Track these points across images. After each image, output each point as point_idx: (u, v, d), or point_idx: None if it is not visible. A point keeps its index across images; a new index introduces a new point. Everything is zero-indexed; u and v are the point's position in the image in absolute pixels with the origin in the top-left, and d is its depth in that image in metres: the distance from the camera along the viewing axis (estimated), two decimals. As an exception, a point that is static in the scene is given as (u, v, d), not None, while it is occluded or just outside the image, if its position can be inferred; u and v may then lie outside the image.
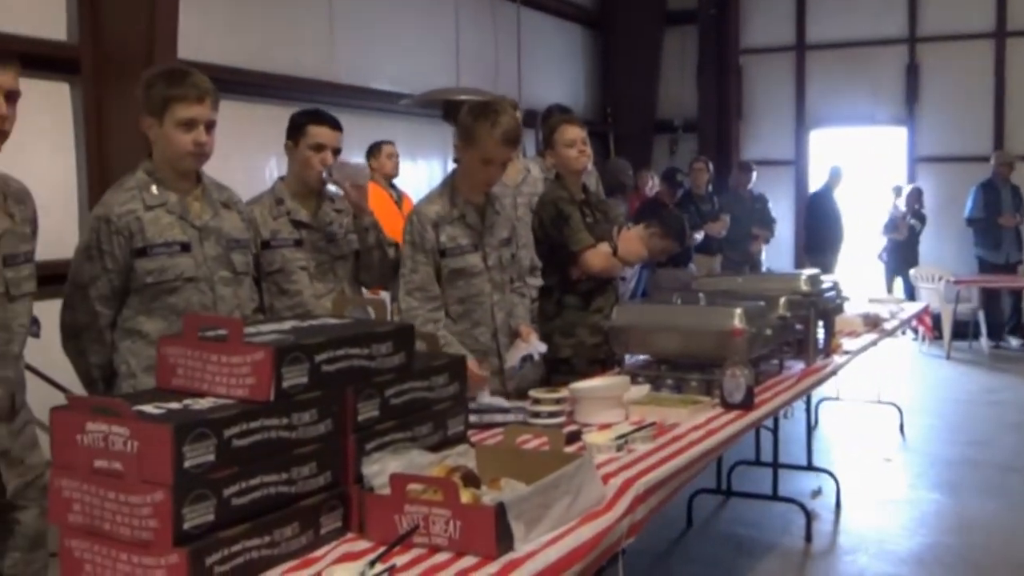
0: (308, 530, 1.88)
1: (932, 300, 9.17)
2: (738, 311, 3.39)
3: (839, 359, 4.31)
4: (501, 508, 1.86)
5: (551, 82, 10.35)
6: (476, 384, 3.14)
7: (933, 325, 7.75)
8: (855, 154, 11.26)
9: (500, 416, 2.96)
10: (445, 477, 2.00)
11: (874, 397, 7.01)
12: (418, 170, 8.36)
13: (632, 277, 8.23)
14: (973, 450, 6.24)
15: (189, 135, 2.75)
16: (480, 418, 2.91)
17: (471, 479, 2.06)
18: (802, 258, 10.51)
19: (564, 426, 2.85)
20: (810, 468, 5.43)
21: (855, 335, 4.94)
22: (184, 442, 1.64)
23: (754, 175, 9.58)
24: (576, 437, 2.72)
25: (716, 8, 11.33)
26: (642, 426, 2.79)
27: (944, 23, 10.69)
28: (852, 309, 5.25)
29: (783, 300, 3.82)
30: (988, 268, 10.00)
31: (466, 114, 3.36)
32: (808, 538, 4.64)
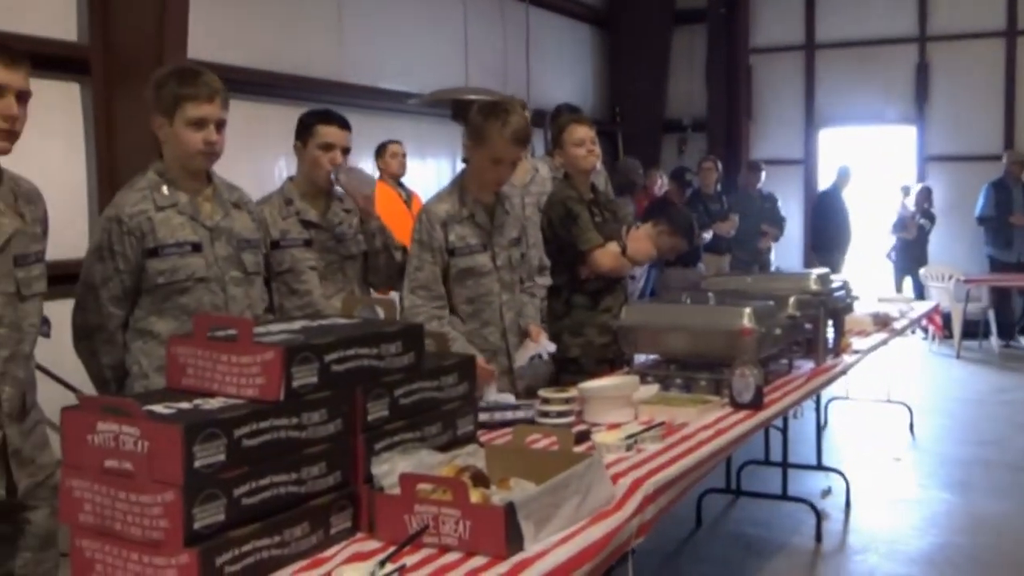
0: (318, 530, 1.88)
1: (942, 299, 9.15)
2: (747, 311, 3.39)
3: (849, 358, 4.29)
4: (511, 508, 1.86)
5: (560, 81, 10.34)
6: (483, 380, 3.14)
7: (943, 324, 7.74)
8: (865, 153, 11.24)
9: (509, 413, 2.96)
10: (455, 477, 2.00)
11: (884, 396, 6.99)
12: (427, 169, 8.37)
13: (641, 276, 8.23)
14: (984, 450, 6.22)
15: (200, 134, 2.75)
16: (491, 416, 2.90)
17: (480, 479, 2.06)
18: (811, 257, 10.49)
19: (573, 426, 2.85)
20: (820, 468, 5.42)
21: (865, 334, 4.92)
22: (194, 442, 1.65)
23: (763, 174, 9.56)
24: (585, 437, 2.71)
25: (725, 7, 11.32)
26: (651, 426, 2.79)
27: (954, 22, 10.66)
28: (862, 308, 5.24)
29: (793, 299, 3.81)
30: (999, 267, 9.97)
31: (476, 113, 3.37)
32: (818, 538, 4.63)
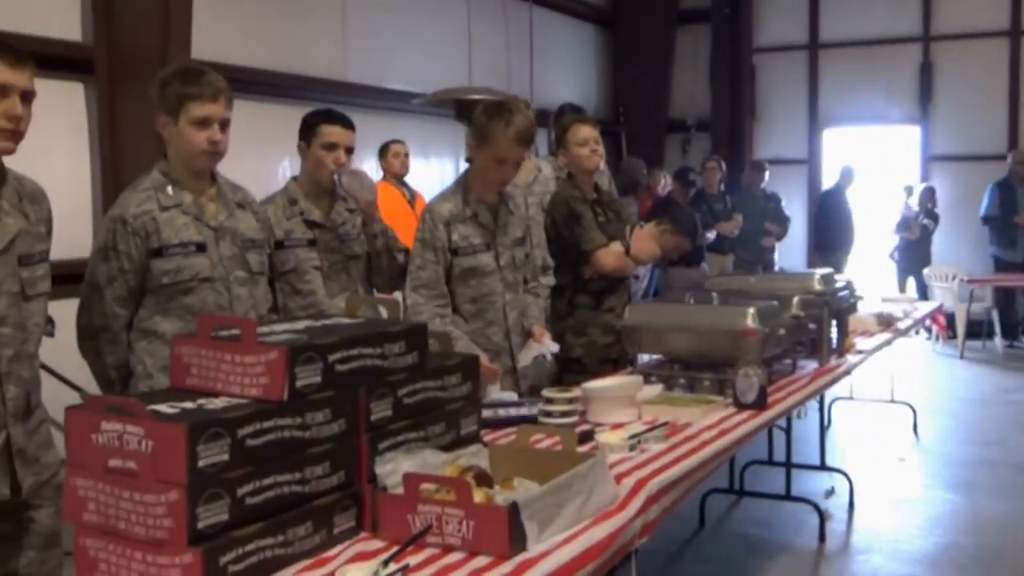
0: (321, 529, 1.88)
1: (946, 299, 9.14)
2: (751, 311, 3.38)
3: (852, 359, 4.29)
4: (514, 508, 1.86)
5: (563, 81, 10.34)
6: (487, 379, 3.14)
7: (947, 324, 7.73)
8: (869, 153, 11.23)
9: (512, 410, 2.95)
10: (458, 477, 2.00)
11: (888, 397, 6.98)
12: (430, 169, 8.37)
13: (644, 276, 8.23)
14: (988, 450, 6.21)
15: (204, 133, 2.76)
16: (495, 412, 2.90)
17: (484, 479, 2.06)
18: (814, 257, 10.48)
19: (577, 425, 2.85)
20: (823, 468, 5.42)
21: (869, 334, 4.92)
22: (198, 442, 1.65)
23: (767, 174, 9.56)
24: (589, 437, 2.71)
25: (729, 7, 11.32)
26: (655, 426, 2.79)
27: (959, 21, 10.64)
28: (865, 308, 5.23)
29: (796, 299, 3.80)
30: (1004, 267, 9.95)
31: (480, 113, 3.37)
32: (821, 538, 4.63)
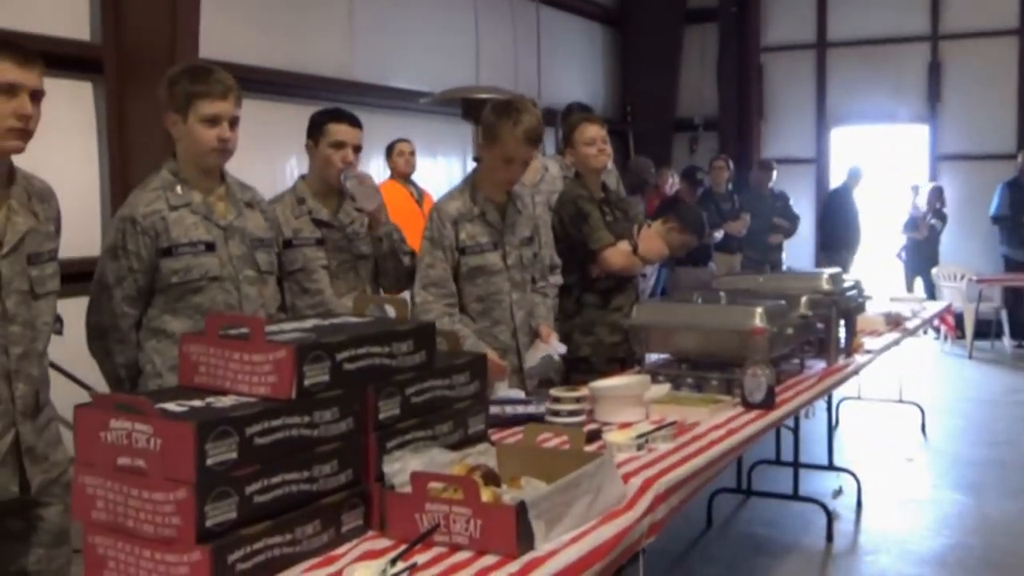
0: (329, 528, 1.88)
1: (954, 299, 9.12)
2: (759, 310, 3.38)
3: (861, 358, 4.28)
4: (522, 507, 1.86)
5: (570, 80, 10.33)
6: (496, 375, 3.14)
7: (955, 324, 7.71)
8: (877, 152, 11.20)
9: (520, 407, 2.96)
10: (466, 476, 2.00)
11: (896, 397, 6.96)
12: (437, 168, 8.38)
13: (651, 275, 8.22)
14: (996, 450, 6.20)
15: (213, 131, 2.76)
16: (502, 409, 2.90)
17: (491, 478, 2.06)
18: (820, 256, 10.46)
19: (584, 425, 2.85)
20: (831, 468, 5.41)
21: (877, 334, 4.91)
22: (207, 440, 1.65)
23: (775, 173, 9.54)
24: (596, 436, 2.71)
25: (736, 6, 11.31)
26: (662, 425, 2.78)
27: (967, 20, 10.61)
28: (874, 308, 5.22)
29: (804, 299, 3.80)
30: (1014, 266, 9.91)
31: (489, 112, 3.37)
32: (829, 538, 4.62)
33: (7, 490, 2.31)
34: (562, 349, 3.52)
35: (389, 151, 7.09)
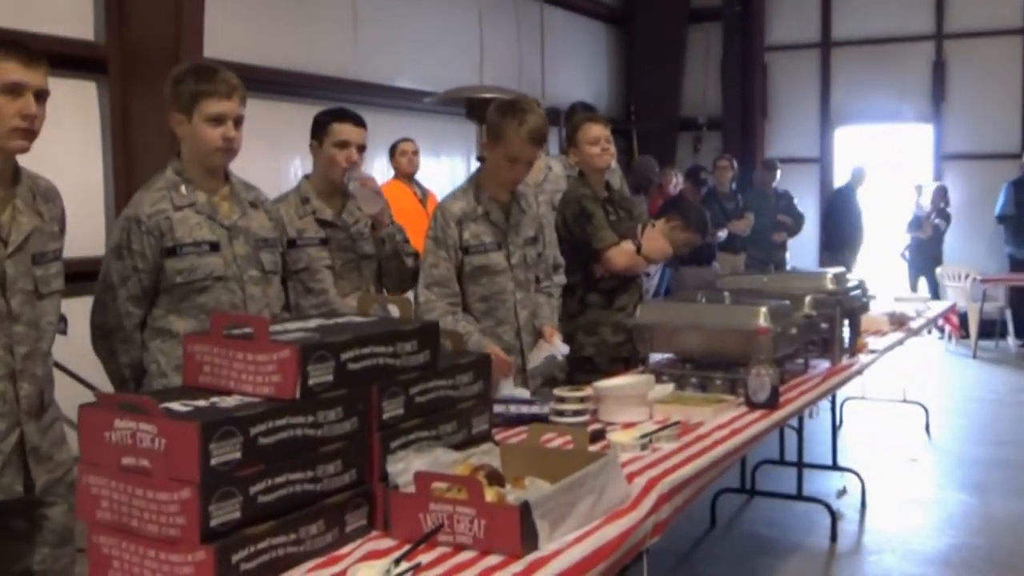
0: (333, 528, 1.88)
1: (959, 298, 9.10)
2: (763, 310, 3.37)
3: (865, 358, 4.27)
4: (526, 507, 1.86)
5: (574, 80, 10.33)
6: (501, 372, 3.13)
7: (959, 324, 7.69)
8: (881, 152, 11.18)
9: (524, 407, 2.95)
10: (470, 476, 2.00)
11: (900, 396, 6.95)
12: (441, 168, 8.38)
13: (655, 275, 8.22)
14: (1001, 450, 6.19)
15: (218, 130, 2.76)
16: (506, 408, 2.90)
17: (495, 478, 2.06)
18: (824, 256, 10.45)
19: (588, 425, 2.84)
20: (835, 468, 5.40)
21: (881, 334, 4.90)
22: (211, 440, 1.65)
23: (779, 173, 9.52)
24: (600, 436, 2.71)
25: (740, 5, 11.30)
26: (666, 425, 2.78)
27: (972, 19, 10.59)
28: (878, 308, 5.21)
29: (808, 299, 3.79)
30: (1019, 266, 9.90)
31: (494, 112, 3.37)
32: (833, 538, 4.61)
33: (12, 490, 2.32)
34: (565, 350, 3.52)
35: (392, 151, 7.08)
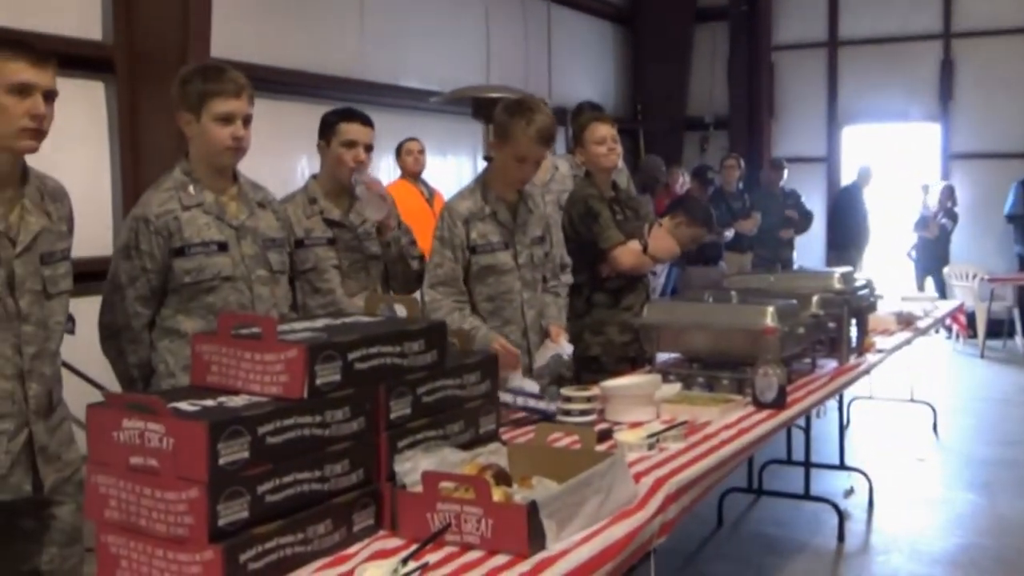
0: (341, 527, 1.89)
1: (966, 298, 9.08)
2: (770, 309, 3.37)
3: (872, 358, 4.27)
4: (533, 507, 1.86)
5: (581, 79, 10.33)
6: (509, 364, 3.13)
7: (967, 323, 7.67)
8: (888, 151, 11.16)
9: (532, 401, 2.96)
10: (477, 475, 2.00)
11: (907, 396, 6.94)
12: (447, 167, 8.38)
13: (662, 274, 8.21)
14: (1009, 450, 6.17)
15: (227, 129, 2.77)
16: (514, 399, 2.90)
17: (503, 477, 2.06)
18: (830, 255, 10.43)
19: (595, 424, 2.85)
20: (842, 467, 5.39)
21: (888, 333, 4.90)
22: (219, 439, 1.65)
23: (786, 172, 9.52)
24: (607, 435, 2.71)
25: (747, 4, 11.28)
26: (673, 425, 2.78)
27: (980, 18, 10.56)
28: (885, 307, 5.20)
29: (816, 298, 3.79)
30: (1030, 265, 9.89)
31: (501, 111, 3.37)
32: (840, 538, 4.61)
33: (20, 489, 2.32)
34: (570, 349, 3.52)
35: (398, 150, 7.09)
